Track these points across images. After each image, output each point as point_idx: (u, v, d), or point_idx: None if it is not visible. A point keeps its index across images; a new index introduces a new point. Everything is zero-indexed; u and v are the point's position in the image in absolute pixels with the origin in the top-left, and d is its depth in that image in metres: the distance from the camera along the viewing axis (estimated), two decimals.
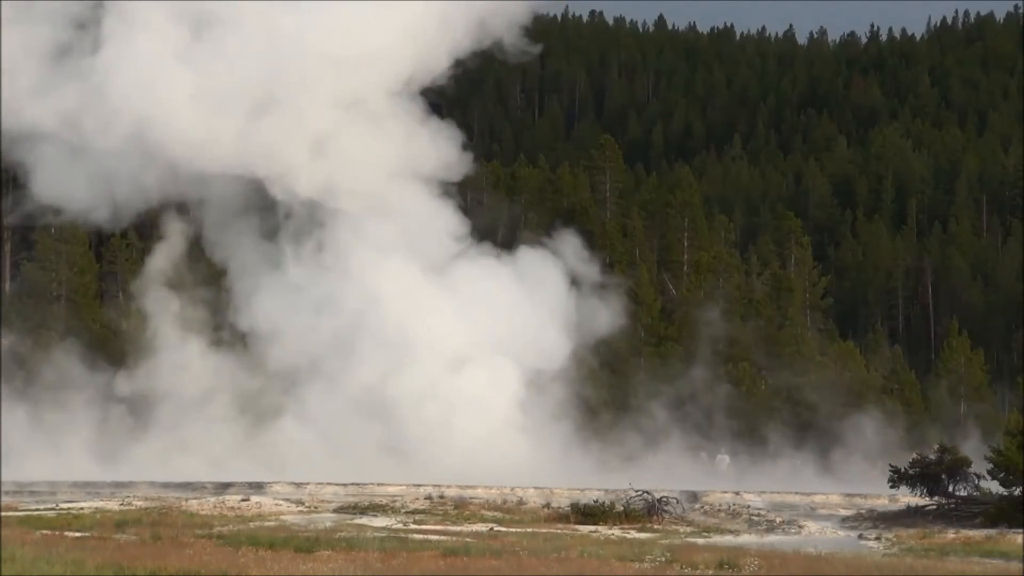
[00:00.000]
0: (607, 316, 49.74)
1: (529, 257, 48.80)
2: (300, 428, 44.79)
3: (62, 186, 45.67)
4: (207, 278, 48.47)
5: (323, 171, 46.29)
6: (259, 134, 45.30)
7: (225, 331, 47.05)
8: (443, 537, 23.77)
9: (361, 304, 45.64)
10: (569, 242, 49.97)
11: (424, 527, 26.56)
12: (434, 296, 46.17)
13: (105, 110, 45.00)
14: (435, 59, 47.07)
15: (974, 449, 36.89)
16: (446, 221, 47.68)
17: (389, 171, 46.72)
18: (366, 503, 31.08)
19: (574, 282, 48.85)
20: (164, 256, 48.46)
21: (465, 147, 48.65)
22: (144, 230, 56.50)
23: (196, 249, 48.49)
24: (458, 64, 47.83)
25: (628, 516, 28.95)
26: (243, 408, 45.48)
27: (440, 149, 47.14)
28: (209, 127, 44.86)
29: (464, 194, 58.63)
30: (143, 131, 44.87)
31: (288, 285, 46.45)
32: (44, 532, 22.80)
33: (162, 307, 47.50)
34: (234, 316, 46.74)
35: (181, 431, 44.60)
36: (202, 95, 45.08)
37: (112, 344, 50.21)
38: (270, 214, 47.37)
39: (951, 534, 27.01)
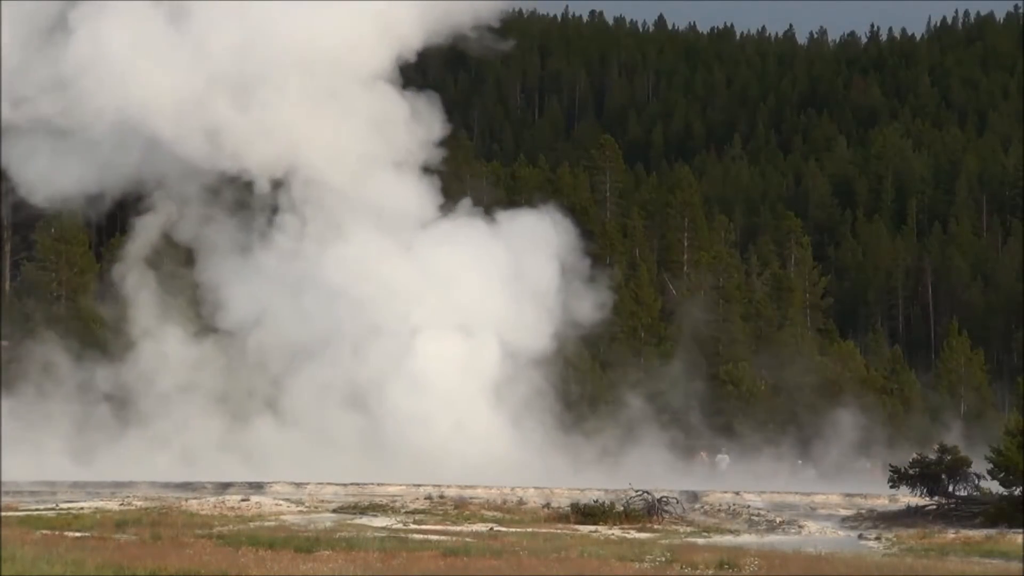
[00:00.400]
0: (591, 303, 49.26)
1: (513, 225, 48.48)
2: (280, 422, 44.75)
3: (39, 173, 45.73)
4: (186, 263, 48.27)
5: (295, 155, 46.32)
6: (231, 120, 45.41)
7: (204, 318, 46.89)
8: (443, 537, 23.77)
9: (336, 289, 45.48)
10: (556, 221, 49.68)
11: (424, 527, 26.56)
12: (411, 276, 45.96)
13: (78, 98, 45.08)
14: (407, 49, 47.42)
15: (973, 449, 36.87)
16: (424, 200, 47.54)
17: (364, 153, 46.71)
18: (366, 503, 31.07)
19: (561, 268, 48.52)
20: (143, 240, 48.24)
21: (446, 137, 48.71)
22: None
23: (174, 237, 48.31)
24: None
25: (628, 516, 28.95)
26: (222, 400, 45.28)
27: (416, 130, 47.21)
28: (182, 114, 44.96)
29: (462, 189, 58.62)
30: (119, 119, 44.98)
31: (262, 271, 46.37)
32: (44, 532, 22.78)
33: (143, 294, 47.34)
34: (210, 307, 46.64)
35: (160, 425, 44.45)
36: (175, 84, 45.17)
37: (96, 336, 49.88)
38: (244, 198, 47.39)
39: (951, 534, 27.01)
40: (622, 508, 29.21)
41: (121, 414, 45.33)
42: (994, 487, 30.56)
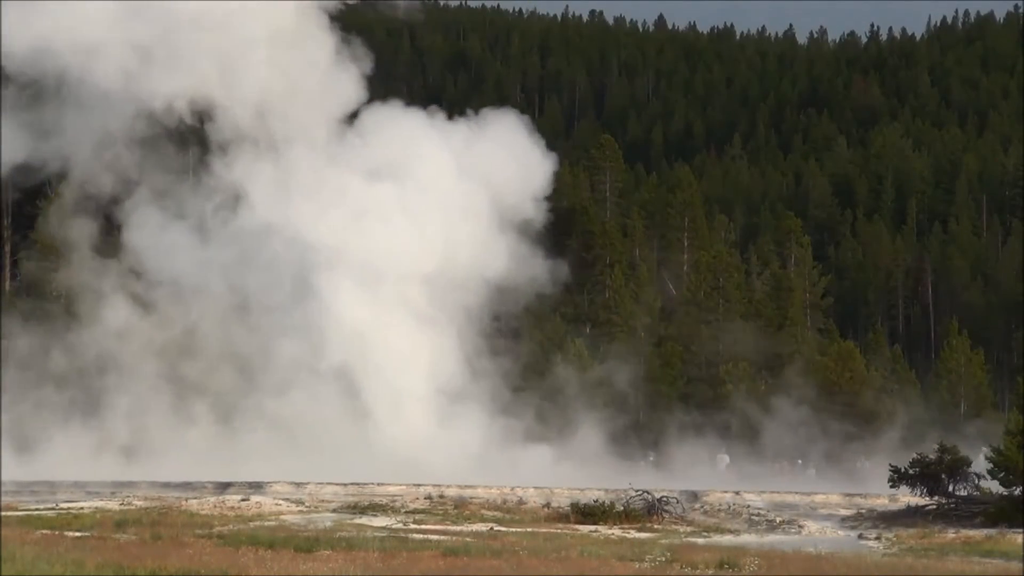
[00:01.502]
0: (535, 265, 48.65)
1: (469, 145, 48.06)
2: (220, 404, 44.31)
3: None
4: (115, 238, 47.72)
5: (231, 107, 46.13)
6: (162, 72, 45.22)
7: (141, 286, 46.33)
8: (443, 537, 23.77)
9: (271, 244, 45.04)
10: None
11: (424, 527, 26.56)
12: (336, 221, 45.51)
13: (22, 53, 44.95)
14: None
15: (973, 449, 36.87)
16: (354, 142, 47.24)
17: (297, 102, 46.59)
18: (366, 503, 31.09)
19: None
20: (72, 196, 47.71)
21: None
22: None
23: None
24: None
25: (628, 516, 28.97)
26: (171, 383, 44.64)
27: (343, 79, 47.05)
28: (101, 47, 44.73)
29: None
30: (61, 76, 44.80)
31: (197, 234, 46.02)
32: (44, 532, 22.78)
33: (81, 247, 46.88)
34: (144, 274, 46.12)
35: (104, 412, 43.87)
36: (113, 36, 45.01)
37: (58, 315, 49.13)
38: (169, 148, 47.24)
39: (951, 534, 27.01)
40: (622, 508, 29.23)
41: (70, 403, 44.50)
42: (994, 487, 30.57)
